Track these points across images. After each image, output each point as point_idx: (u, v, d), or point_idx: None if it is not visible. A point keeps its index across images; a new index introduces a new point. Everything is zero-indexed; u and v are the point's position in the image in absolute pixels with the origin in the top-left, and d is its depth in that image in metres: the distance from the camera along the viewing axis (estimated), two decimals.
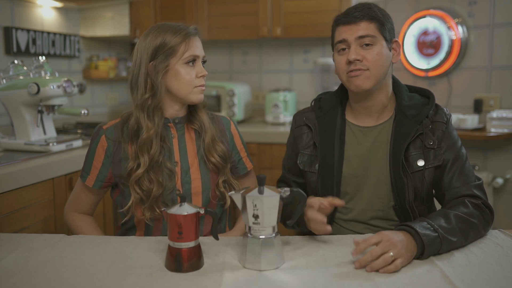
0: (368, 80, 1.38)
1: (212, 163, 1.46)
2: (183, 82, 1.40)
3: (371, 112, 1.46)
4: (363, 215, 1.45)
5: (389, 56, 1.41)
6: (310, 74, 3.55)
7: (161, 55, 1.38)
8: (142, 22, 3.28)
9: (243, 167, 1.58)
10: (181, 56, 1.39)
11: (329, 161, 1.45)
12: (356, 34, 1.38)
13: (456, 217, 1.25)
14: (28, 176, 1.90)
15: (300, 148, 1.52)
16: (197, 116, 1.49)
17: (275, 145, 2.94)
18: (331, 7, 3.05)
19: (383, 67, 1.39)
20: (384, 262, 1.09)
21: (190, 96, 1.42)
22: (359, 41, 1.37)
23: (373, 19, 1.38)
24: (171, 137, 1.47)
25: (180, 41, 1.39)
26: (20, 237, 1.36)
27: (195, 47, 1.42)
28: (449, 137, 1.41)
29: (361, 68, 1.37)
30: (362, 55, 1.37)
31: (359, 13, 1.38)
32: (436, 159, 1.39)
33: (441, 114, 1.43)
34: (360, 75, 1.38)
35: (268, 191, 1.14)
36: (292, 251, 1.24)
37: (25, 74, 2.21)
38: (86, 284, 1.06)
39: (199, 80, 1.43)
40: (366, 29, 1.37)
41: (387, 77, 1.43)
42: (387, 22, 1.40)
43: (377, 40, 1.38)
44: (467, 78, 2.86)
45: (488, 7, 2.74)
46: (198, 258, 1.14)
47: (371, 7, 1.40)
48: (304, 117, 1.54)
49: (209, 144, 1.46)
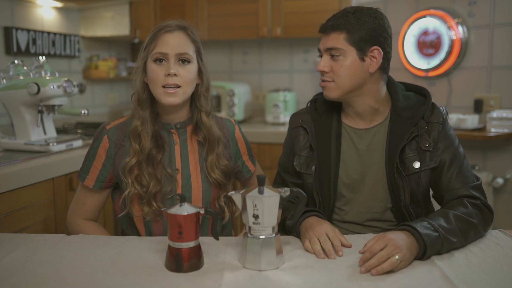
0: (334, 91, 1.40)
1: (213, 179, 1.45)
2: (151, 80, 1.39)
3: (362, 115, 1.45)
4: (360, 217, 1.44)
5: (361, 66, 1.37)
6: (310, 74, 3.55)
7: (143, 52, 1.40)
8: (142, 22, 3.28)
9: (247, 170, 1.58)
10: (151, 53, 1.38)
11: (325, 163, 1.44)
12: (325, 45, 1.39)
13: (455, 217, 1.25)
14: (28, 176, 1.90)
15: (297, 150, 1.51)
16: (203, 126, 1.44)
17: (275, 145, 2.94)
18: (331, 7, 3.05)
19: (351, 79, 1.37)
20: (390, 266, 1.09)
21: (160, 97, 1.37)
22: (329, 52, 1.39)
23: (343, 30, 1.36)
24: (173, 143, 1.45)
25: (151, 37, 1.39)
26: (20, 237, 1.36)
27: (165, 44, 1.36)
28: (445, 137, 1.40)
29: (326, 79, 1.40)
30: (330, 66, 1.39)
31: (333, 22, 1.38)
32: (432, 161, 1.38)
33: (437, 114, 1.41)
34: (325, 86, 1.41)
35: (268, 191, 1.14)
36: (292, 251, 1.24)
37: (25, 74, 2.21)
38: (86, 284, 1.06)
39: (165, 79, 1.35)
40: (334, 41, 1.37)
41: (367, 84, 1.40)
42: (363, 30, 1.35)
43: (345, 52, 1.36)
44: (467, 78, 2.86)
45: (488, 7, 2.74)
46: (198, 258, 1.14)
47: (347, 16, 1.36)
48: (300, 119, 1.53)
49: (212, 161, 1.44)
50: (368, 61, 1.38)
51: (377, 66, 1.38)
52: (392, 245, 1.11)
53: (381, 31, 1.37)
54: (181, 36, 1.40)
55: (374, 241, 1.14)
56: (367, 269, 1.09)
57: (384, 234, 1.16)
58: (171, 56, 1.37)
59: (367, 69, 1.38)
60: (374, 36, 1.36)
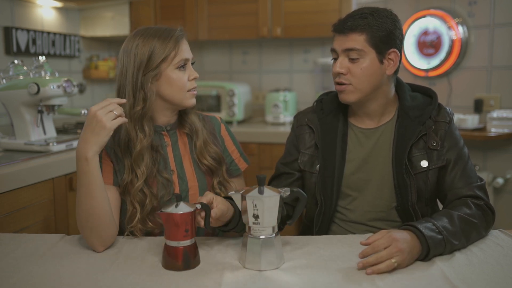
0: (352, 94, 1.38)
1: (205, 165, 1.45)
2: (176, 87, 1.37)
3: (371, 115, 1.45)
4: (364, 216, 1.44)
5: (379, 68, 1.37)
6: (310, 74, 3.55)
7: (151, 63, 1.34)
8: (142, 22, 3.28)
9: (236, 168, 1.57)
10: (172, 62, 1.36)
11: (330, 162, 1.44)
12: (343, 46, 1.36)
13: (460, 219, 1.24)
14: (28, 176, 1.90)
15: (302, 148, 1.51)
16: (188, 119, 1.47)
17: (275, 145, 2.94)
18: (331, 7, 3.05)
19: (369, 81, 1.36)
20: (387, 268, 1.09)
21: (184, 101, 1.40)
22: (346, 53, 1.36)
23: (364, 31, 1.34)
24: (165, 145, 1.44)
25: (169, 46, 1.35)
26: (20, 237, 1.36)
27: (184, 51, 1.39)
28: (451, 137, 1.40)
29: (344, 82, 1.37)
30: (347, 68, 1.36)
31: (351, 22, 1.35)
32: (440, 160, 1.38)
33: (443, 114, 1.42)
34: (344, 90, 1.38)
35: (268, 191, 1.14)
36: (292, 251, 1.24)
37: (25, 74, 2.21)
38: (86, 284, 1.06)
39: (191, 83, 1.40)
40: (354, 42, 1.34)
41: (382, 86, 1.40)
42: (382, 32, 1.34)
43: (365, 53, 1.35)
44: (467, 78, 2.86)
45: (488, 7, 2.74)
46: (194, 257, 1.15)
47: (366, 16, 1.35)
48: (306, 118, 1.53)
49: (201, 147, 1.44)
50: (386, 64, 1.38)
51: (394, 68, 1.39)
52: (394, 247, 1.10)
53: (398, 34, 1.37)
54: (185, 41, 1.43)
55: (379, 236, 1.13)
56: (364, 265, 1.10)
57: (390, 231, 1.14)
58: (188, 60, 1.40)
59: (384, 71, 1.38)
60: (392, 38, 1.36)
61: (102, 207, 1.25)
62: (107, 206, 1.27)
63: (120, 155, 1.37)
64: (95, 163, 1.23)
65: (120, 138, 1.37)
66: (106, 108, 1.22)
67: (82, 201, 1.25)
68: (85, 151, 1.21)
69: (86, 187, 1.24)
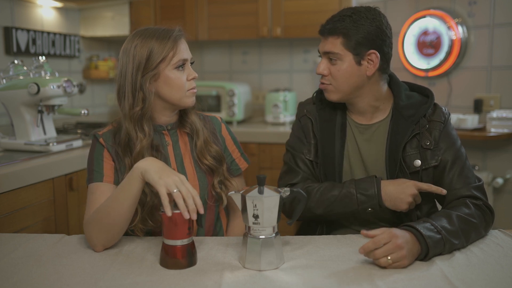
0: (334, 94, 1.43)
1: (206, 165, 1.45)
2: (175, 87, 1.37)
3: (362, 112, 1.46)
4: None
5: (358, 70, 1.38)
6: (310, 74, 3.55)
7: (149, 64, 1.34)
8: (142, 22, 3.28)
9: (236, 167, 1.57)
10: (170, 62, 1.36)
11: (329, 154, 1.45)
12: (323, 49, 1.41)
13: (458, 219, 1.24)
14: (28, 176, 1.90)
15: (307, 138, 1.52)
16: (188, 119, 1.47)
17: (275, 145, 2.94)
18: (331, 7, 3.05)
19: (348, 83, 1.39)
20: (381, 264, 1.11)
21: (183, 100, 1.39)
22: (327, 55, 1.40)
23: (340, 34, 1.36)
24: (165, 145, 1.44)
25: (167, 47, 1.35)
26: (20, 237, 1.36)
27: (182, 51, 1.38)
28: (447, 137, 1.40)
29: (324, 82, 1.42)
30: (328, 69, 1.40)
31: (330, 25, 1.38)
32: (433, 159, 1.38)
33: (439, 114, 1.42)
34: (325, 89, 1.43)
35: (268, 191, 1.14)
36: (292, 251, 1.24)
37: (25, 74, 2.21)
38: (86, 284, 1.06)
39: (190, 83, 1.40)
40: (331, 45, 1.38)
41: (366, 86, 1.41)
42: (359, 34, 1.34)
43: (342, 56, 1.37)
44: (467, 78, 2.86)
45: (488, 7, 2.74)
46: (191, 255, 1.15)
47: (344, 19, 1.36)
48: (305, 109, 1.54)
49: (201, 146, 1.44)
50: (365, 65, 1.38)
51: (375, 69, 1.39)
52: (393, 243, 1.11)
53: (378, 33, 1.36)
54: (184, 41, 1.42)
55: (379, 232, 1.14)
56: (364, 252, 1.12)
57: (390, 229, 1.15)
58: (187, 61, 1.40)
59: (364, 72, 1.39)
60: (371, 39, 1.36)
61: (123, 214, 1.25)
62: (129, 216, 1.27)
63: (121, 155, 1.38)
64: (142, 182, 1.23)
65: (121, 138, 1.37)
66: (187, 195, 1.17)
67: (114, 201, 1.25)
68: (148, 168, 1.20)
69: (124, 192, 1.23)
